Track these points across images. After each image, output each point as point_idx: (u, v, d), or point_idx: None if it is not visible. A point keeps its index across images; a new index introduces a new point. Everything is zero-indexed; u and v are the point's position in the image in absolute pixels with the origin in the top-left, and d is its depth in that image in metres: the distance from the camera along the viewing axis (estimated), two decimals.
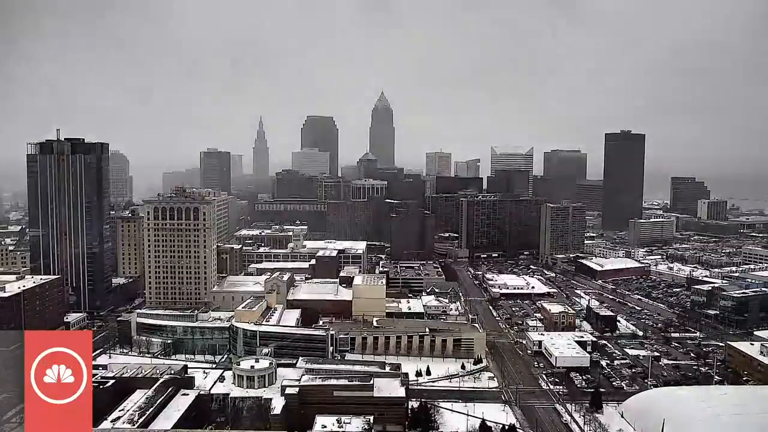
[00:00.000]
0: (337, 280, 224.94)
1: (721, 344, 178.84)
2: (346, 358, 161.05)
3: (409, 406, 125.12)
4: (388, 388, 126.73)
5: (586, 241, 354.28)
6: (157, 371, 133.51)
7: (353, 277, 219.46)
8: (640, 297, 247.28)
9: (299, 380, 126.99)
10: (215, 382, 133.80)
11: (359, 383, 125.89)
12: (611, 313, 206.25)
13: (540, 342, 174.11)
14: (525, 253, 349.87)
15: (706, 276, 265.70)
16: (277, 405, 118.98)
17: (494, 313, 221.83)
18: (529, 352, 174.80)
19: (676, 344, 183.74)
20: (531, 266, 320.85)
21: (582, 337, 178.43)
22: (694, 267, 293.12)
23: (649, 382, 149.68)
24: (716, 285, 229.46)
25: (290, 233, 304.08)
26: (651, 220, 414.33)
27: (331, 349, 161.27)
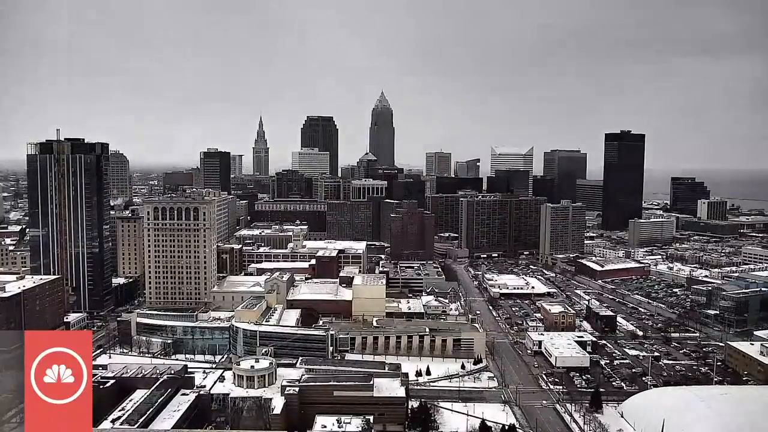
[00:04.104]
0: (337, 280, 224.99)
1: (721, 344, 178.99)
2: (346, 358, 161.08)
3: (409, 406, 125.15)
4: (388, 388, 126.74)
5: (586, 241, 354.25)
6: (157, 371, 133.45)
7: (353, 277, 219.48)
8: (640, 297, 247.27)
9: (299, 380, 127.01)
10: (215, 382, 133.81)
11: (359, 383, 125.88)
12: (611, 313, 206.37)
13: (540, 342, 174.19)
14: (525, 253, 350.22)
15: (706, 276, 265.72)
16: (277, 405, 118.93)
17: (494, 313, 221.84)
18: (529, 352, 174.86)
19: (676, 344, 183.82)
20: (531, 266, 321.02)
21: (582, 337, 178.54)
22: (694, 267, 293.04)
23: (649, 382, 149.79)
24: (716, 285, 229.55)
25: (290, 233, 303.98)
26: (651, 220, 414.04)
27: (331, 349, 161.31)
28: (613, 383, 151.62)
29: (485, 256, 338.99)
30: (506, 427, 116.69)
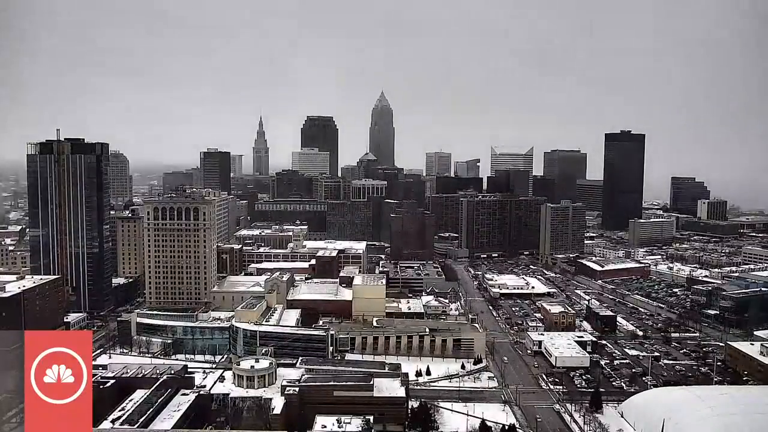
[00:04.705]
0: (337, 280, 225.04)
1: (721, 344, 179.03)
2: (346, 358, 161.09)
3: (409, 406, 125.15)
4: (388, 388, 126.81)
5: (586, 241, 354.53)
6: (157, 371, 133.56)
7: (353, 277, 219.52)
8: (640, 297, 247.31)
9: (299, 380, 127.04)
10: (215, 382, 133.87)
11: (359, 383, 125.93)
12: (611, 313, 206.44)
13: (540, 342, 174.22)
14: (525, 253, 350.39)
15: (706, 276, 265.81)
16: (277, 405, 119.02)
17: (494, 313, 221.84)
18: (529, 352, 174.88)
19: (676, 344, 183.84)
20: (531, 266, 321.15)
21: (582, 337, 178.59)
22: (694, 267, 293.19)
23: (649, 382, 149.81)
24: (716, 285, 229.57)
25: (290, 233, 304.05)
26: (651, 220, 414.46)
27: (331, 349, 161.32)
28: (613, 383, 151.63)
29: (485, 256, 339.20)
30: (506, 427, 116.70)
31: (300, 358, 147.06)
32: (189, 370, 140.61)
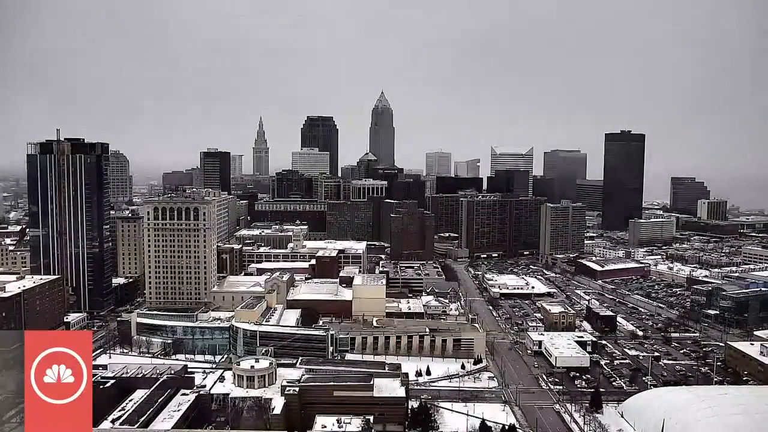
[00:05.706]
0: (337, 280, 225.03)
1: (721, 344, 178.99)
2: (346, 358, 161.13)
3: (409, 406, 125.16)
4: (388, 388, 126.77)
5: (586, 241, 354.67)
6: (157, 371, 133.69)
7: (353, 277, 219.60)
8: (640, 297, 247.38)
9: (299, 380, 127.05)
10: (215, 382, 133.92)
11: (359, 383, 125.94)
12: (611, 313, 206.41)
13: (540, 342, 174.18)
14: (525, 253, 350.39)
15: (706, 276, 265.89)
16: (277, 405, 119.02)
17: (494, 313, 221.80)
18: (529, 352, 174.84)
19: (676, 344, 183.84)
20: (531, 266, 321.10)
21: (582, 337, 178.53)
22: (694, 267, 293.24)
23: (649, 382, 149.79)
24: (716, 285, 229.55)
25: (290, 233, 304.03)
26: (651, 220, 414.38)
27: (331, 349, 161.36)
28: (613, 383, 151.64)
29: (485, 256, 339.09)
30: (506, 427, 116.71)
31: (300, 358, 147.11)
32: (189, 370, 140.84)
